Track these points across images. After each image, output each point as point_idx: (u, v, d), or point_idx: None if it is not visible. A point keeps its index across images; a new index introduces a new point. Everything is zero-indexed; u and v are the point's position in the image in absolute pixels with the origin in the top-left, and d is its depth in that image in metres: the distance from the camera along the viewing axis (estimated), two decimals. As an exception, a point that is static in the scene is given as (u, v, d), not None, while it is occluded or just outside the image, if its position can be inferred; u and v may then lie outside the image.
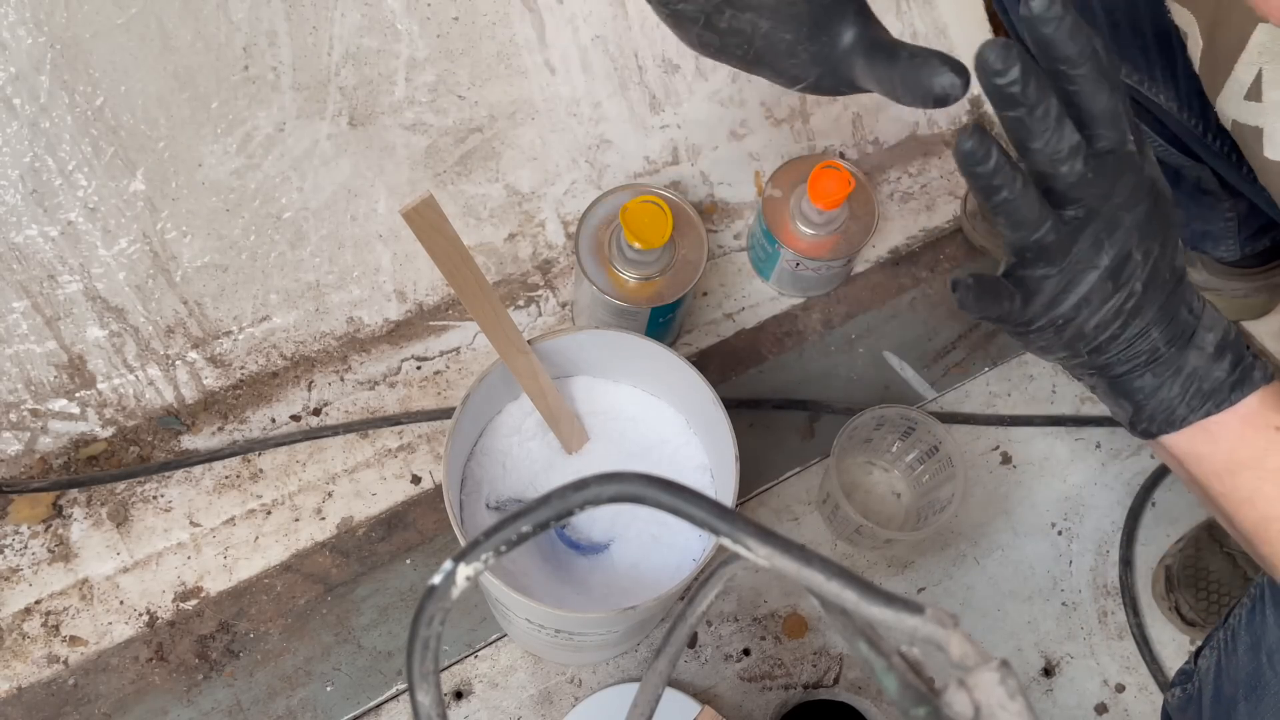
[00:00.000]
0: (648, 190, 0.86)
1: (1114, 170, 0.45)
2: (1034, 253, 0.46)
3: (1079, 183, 0.45)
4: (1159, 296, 0.47)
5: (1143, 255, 0.46)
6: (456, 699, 0.84)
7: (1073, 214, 0.45)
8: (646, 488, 0.32)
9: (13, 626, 0.82)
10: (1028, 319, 0.47)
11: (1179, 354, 0.48)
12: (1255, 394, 0.48)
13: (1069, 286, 0.46)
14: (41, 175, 0.81)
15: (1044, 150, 0.44)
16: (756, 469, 0.92)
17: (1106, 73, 0.43)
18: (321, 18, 0.86)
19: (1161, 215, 0.46)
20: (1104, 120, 0.44)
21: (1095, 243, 0.45)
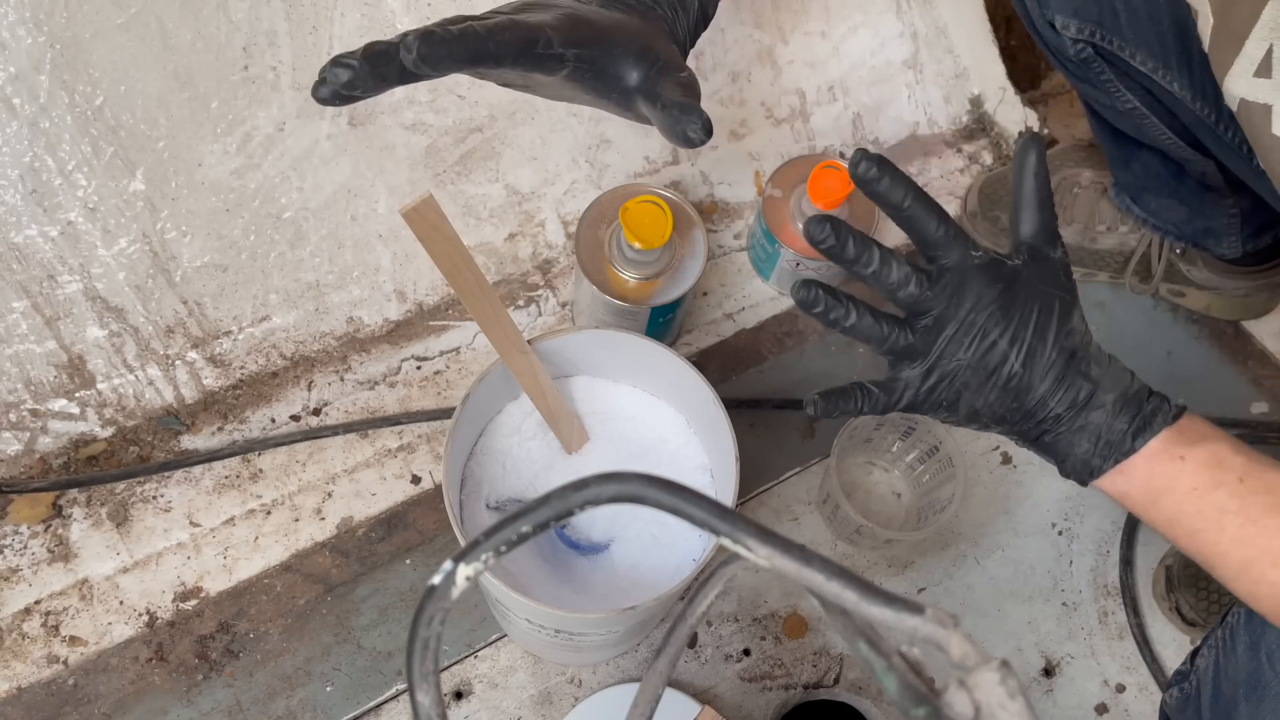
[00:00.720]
0: (648, 190, 0.86)
1: (957, 281, 0.54)
2: (896, 357, 0.56)
3: (919, 300, 0.54)
4: (1048, 374, 0.54)
5: (1009, 342, 0.53)
6: (456, 699, 0.83)
7: (924, 322, 0.55)
8: (646, 488, 0.32)
9: (12, 626, 0.82)
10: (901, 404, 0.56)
11: (1079, 415, 0.55)
12: (1158, 436, 0.54)
13: (939, 378, 0.55)
14: (41, 175, 0.81)
15: (878, 284, 0.54)
16: (756, 469, 0.92)
17: (931, 206, 0.53)
18: (321, 18, 0.86)
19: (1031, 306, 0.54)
20: (938, 244, 0.54)
21: (953, 340, 0.54)
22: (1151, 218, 0.99)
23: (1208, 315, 1.05)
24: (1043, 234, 0.57)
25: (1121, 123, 0.89)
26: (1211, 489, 0.53)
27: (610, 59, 0.54)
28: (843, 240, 0.53)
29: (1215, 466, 0.54)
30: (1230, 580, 0.54)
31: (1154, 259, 1.02)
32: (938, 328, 0.54)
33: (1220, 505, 0.53)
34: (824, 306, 0.54)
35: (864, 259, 0.53)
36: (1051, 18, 0.80)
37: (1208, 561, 0.55)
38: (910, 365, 0.55)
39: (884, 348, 0.56)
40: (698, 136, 0.54)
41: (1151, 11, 0.75)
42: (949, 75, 1.11)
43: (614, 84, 0.55)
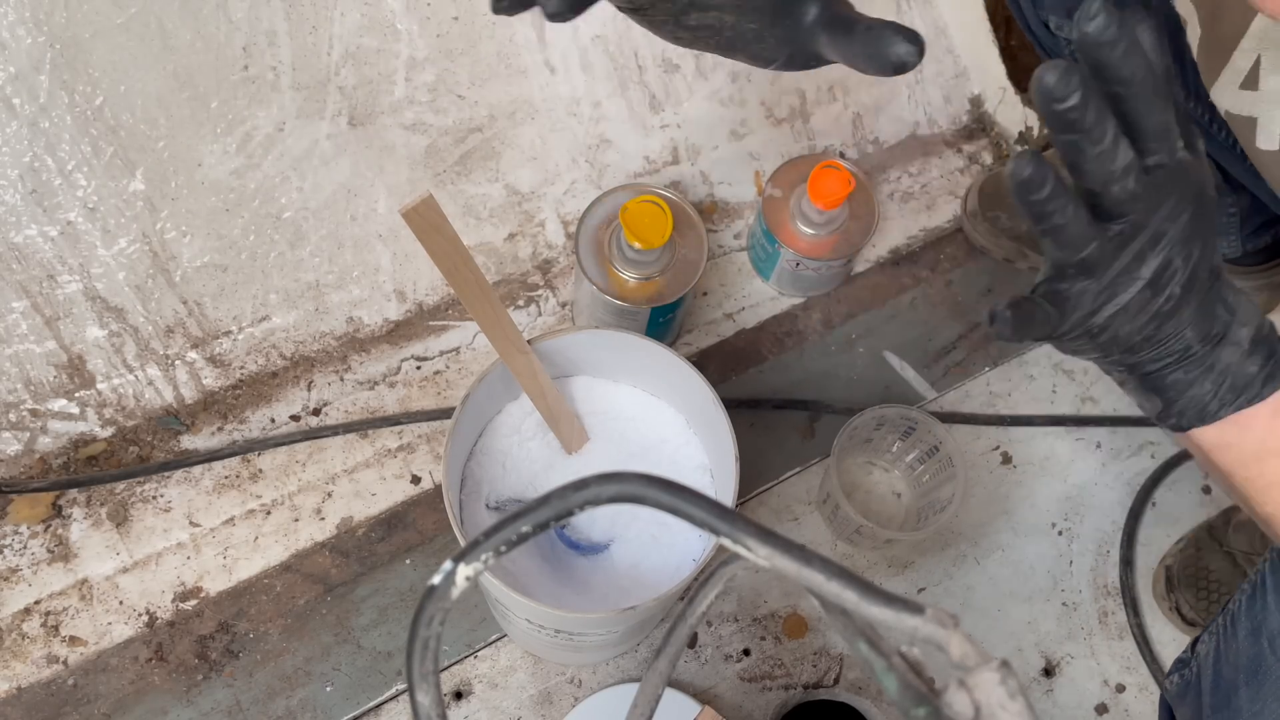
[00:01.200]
0: (648, 190, 0.86)
1: (1162, 185, 0.46)
2: (1076, 268, 0.47)
3: (1128, 199, 0.45)
4: (1195, 299, 0.48)
5: (1183, 261, 0.47)
6: (456, 699, 0.83)
7: (1118, 229, 0.46)
8: (646, 488, 0.32)
9: (12, 627, 0.82)
10: (1064, 330, 0.48)
11: (1212, 351, 0.49)
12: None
13: (1109, 299, 0.47)
14: (41, 175, 0.81)
15: (1098, 170, 0.45)
16: (756, 469, 0.92)
17: (1160, 90, 0.44)
18: (321, 17, 0.86)
19: (1203, 219, 0.47)
20: (1156, 136, 0.45)
21: (1138, 256, 0.46)
22: None
23: (1208, 315, 1.04)
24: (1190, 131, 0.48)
25: None
26: None
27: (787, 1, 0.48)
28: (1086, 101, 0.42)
29: None
30: None
31: (1154, 259, 1.02)
32: (1129, 237, 0.46)
33: None
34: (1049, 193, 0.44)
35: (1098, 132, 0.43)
36: (1046, 18, 0.80)
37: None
38: (1085, 280, 0.47)
39: (1078, 256, 0.47)
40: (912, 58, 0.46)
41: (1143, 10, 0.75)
42: (949, 75, 1.11)
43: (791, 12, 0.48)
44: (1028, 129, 1.11)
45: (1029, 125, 1.11)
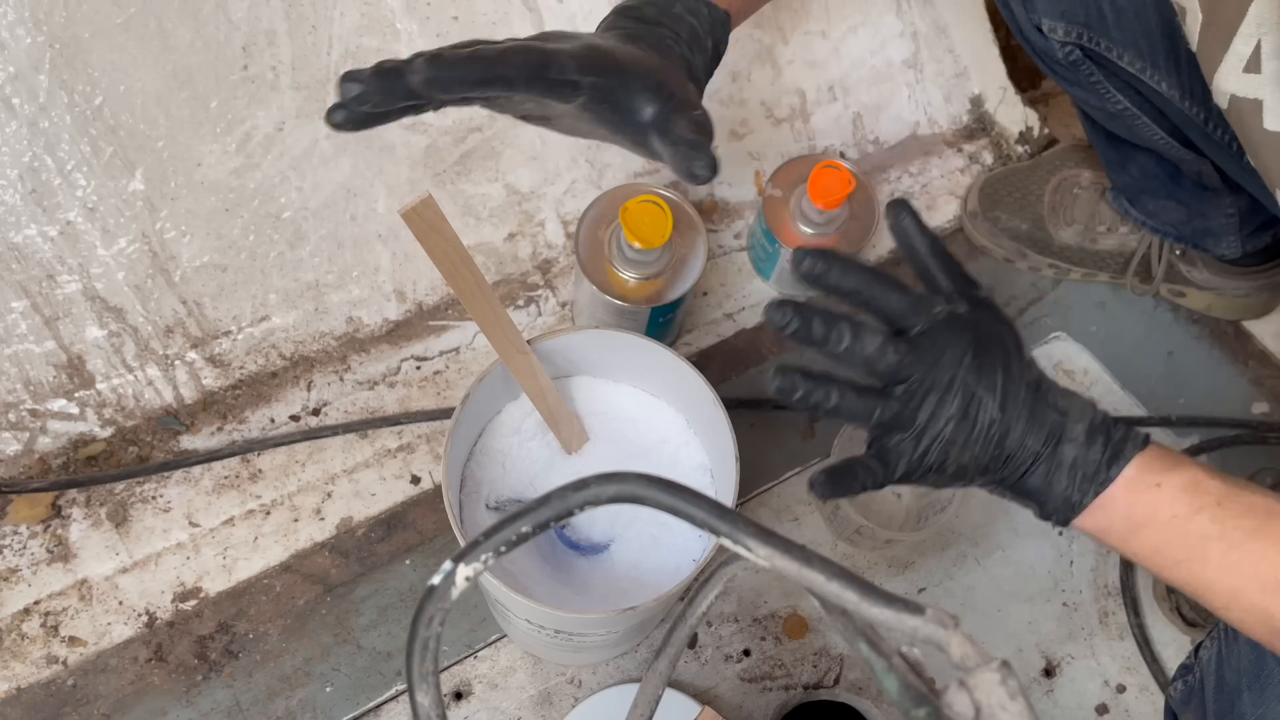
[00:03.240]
0: (648, 190, 0.86)
1: (931, 343, 0.52)
2: (883, 429, 0.53)
3: (898, 368, 0.52)
4: (1021, 412, 0.53)
5: (986, 390, 0.52)
6: (456, 699, 0.83)
7: (904, 389, 0.52)
8: (646, 488, 0.32)
9: (12, 627, 0.81)
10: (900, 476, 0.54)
11: (1056, 450, 0.53)
12: (1131, 463, 0.53)
13: (929, 442, 0.52)
14: (40, 175, 0.81)
15: (853, 360, 0.52)
16: (756, 469, 0.92)
17: (887, 280, 0.53)
18: (321, 17, 0.86)
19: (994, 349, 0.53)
20: (905, 313, 0.53)
21: (938, 402, 0.52)
22: (1149, 219, 0.99)
23: (1208, 315, 1.05)
24: (960, 279, 0.56)
25: (1114, 125, 0.89)
26: (1192, 515, 0.52)
27: (626, 91, 0.54)
28: (807, 323, 0.51)
29: (1193, 491, 0.52)
30: (1220, 609, 0.54)
31: (1154, 260, 1.02)
32: (921, 392, 0.52)
33: (1202, 532, 0.52)
34: (804, 392, 0.52)
35: (833, 338, 0.51)
36: (1039, 21, 0.80)
37: (1195, 591, 0.54)
38: (898, 435, 0.53)
39: (871, 423, 0.53)
40: (704, 174, 0.53)
41: (1138, 11, 0.75)
42: (949, 75, 1.11)
43: (628, 117, 0.54)
44: (1028, 129, 1.11)
45: (1029, 125, 1.11)
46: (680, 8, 0.59)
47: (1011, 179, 1.05)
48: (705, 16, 0.60)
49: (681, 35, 0.59)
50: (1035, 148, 1.11)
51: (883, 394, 0.53)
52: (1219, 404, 1.01)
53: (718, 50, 0.62)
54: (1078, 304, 1.05)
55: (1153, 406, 1.00)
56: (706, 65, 0.61)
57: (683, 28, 0.59)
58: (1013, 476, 0.54)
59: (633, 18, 0.59)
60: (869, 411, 0.53)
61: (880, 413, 0.53)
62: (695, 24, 0.60)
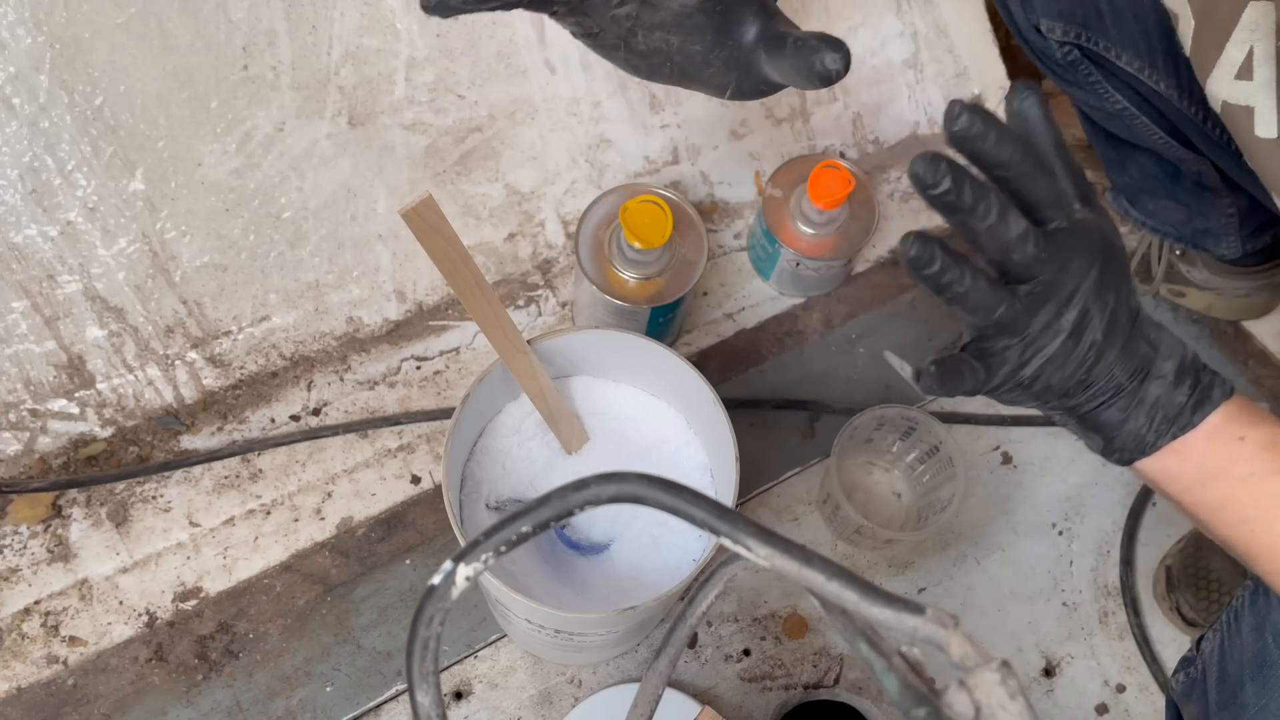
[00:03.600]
0: (648, 190, 0.86)
1: (1066, 245, 0.49)
2: (994, 329, 0.50)
3: (1032, 263, 0.48)
4: (1118, 340, 0.50)
5: (1099, 309, 0.49)
6: (456, 699, 0.83)
7: (1028, 290, 0.49)
8: (646, 488, 0.32)
9: (12, 627, 0.82)
10: (994, 385, 0.51)
11: (1140, 386, 0.51)
12: (1216, 411, 0.51)
13: (1033, 354, 0.49)
14: (41, 175, 0.81)
15: (992, 243, 0.48)
16: (756, 469, 0.92)
17: (1040, 162, 0.48)
18: (321, 17, 0.86)
19: (1113, 268, 0.50)
20: (1047, 204, 0.48)
21: (1055, 312, 0.49)
22: (1149, 220, 0.99)
23: (1208, 315, 1.05)
24: (1085, 185, 0.51)
25: (1112, 125, 0.89)
26: (1269, 475, 0.50)
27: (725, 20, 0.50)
28: (959, 186, 0.45)
29: (1273, 450, 0.50)
30: (1273, 574, 0.52)
31: (1154, 260, 1.02)
32: (1043, 297, 0.48)
33: (1276, 494, 0.50)
34: (940, 266, 0.46)
35: (981, 210, 0.46)
36: (1037, 21, 0.80)
37: (1249, 551, 0.52)
38: (1006, 340, 0.49)
39: (991, 319, 0.49)
40: (837, 66, 0.49)
41: (1136, 11, 0.75)
42: (949, 75, 1.11)
43: (733, 30, 0.51)
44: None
45: (1029, 125, 1.11)
46: None
47: (1012, 179, 1.05)
48: None
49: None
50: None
51: (1009, 291, 0.49)
52: (1219, 404, 1.01)
53: None
54: (1078, 304, 1.05)
55: (1153, 406, 1.00)
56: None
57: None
58: (1087, 405, 0.52)
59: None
60: (994, 306, 0.49)
61: (1004, 310, 0.49)
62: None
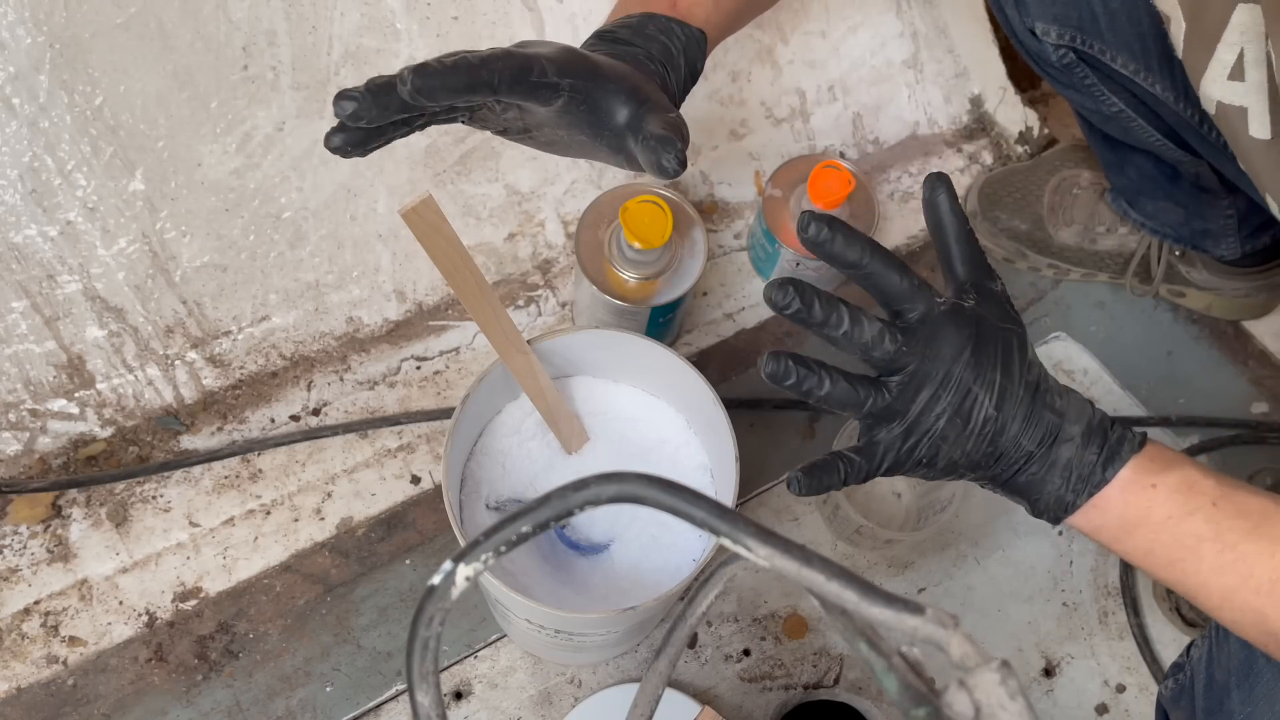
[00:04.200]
0: (648, 190, 0.86)
1: (929, 333, 0.52)
2: (873, 420, 0.54)
3: (895, 356, 0.52)
4: (1018, 412, 0.53)
5: (983, 387, 0.52)
6: (456, 699, 0.83)
7: (899, 379, 0.52)
8: (646, 488, 0.32)
9: (12, 627, 0.82)
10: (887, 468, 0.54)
11: (1050, 450, 0.53)
12: (1127, 465, 0.53)
13: (920, 436, 0.53)
14: (40, 175, 0.81)
15: (850, 346, 0.52)
16: (756, 469, 0.92)
17: (890, 260, 0.52)
18: (321, 17, 0.86)
19: (994, 346, 0.53)
20: (904, 297, 0.52)
21: (931, 396, 0.52)
22: (1148, 221, 0.99)
23: (1208, 315, 1.05)
24: (980, 269, 0.55)
25: (1109, 127, 0.89)
26: (1186, 516, 0.52)
27: (603, 93, 0.55)
28: (808, 303, 0.51)
29: (1188, 492, 0.52)
30: (1213, 610, 0.53)
31: (1153, 260, 1.02)
32: (915, 384, 0.52)
33: (1197, 532, 0.52)
34: (796, 378, 0.52)
35: (833, 320, 0.51)
36: (1032, 25, 0.81)
37: (1188, 591, 0.54)
38: (887, 427, 0.53)
39: (861, 412, 0.53)
40: (671, 166, 0.54)
41: (1131, 14, 0.75)
42: (949, 75, 1.11)
43: (606, 120, 0.56)
44: (1027, 129, 1.11)
45: (1028, 125, 1.11)
46: (653, 28, 0.61)
47: (1011, 179, 1.06)
48: (679, 36, 0.62)
49: (654, 54, 0.60)
50: (1035, 148, 1.11)
51: (877, 383, 0.53)
52: (1218, 404, 1.01)
53: (693, 69, 0.63)
54: (1077, 304, 1.05)
55: (1152, 406, 1.00)
56: (681, 82, 0.62)
57: (655, 47, 0.60)
58: (1005, 474, 0.54)
59: (607, 40, 0.61)
60: (861, 400, 0.53)
61: (872, 402, 0.53)
62: (668, 43, 0.61)
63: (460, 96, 0.50)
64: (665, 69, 0.61)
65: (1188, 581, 0.53)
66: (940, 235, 0.56)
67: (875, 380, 0.53)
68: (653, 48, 0.60)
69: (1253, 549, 0.51)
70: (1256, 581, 0.51)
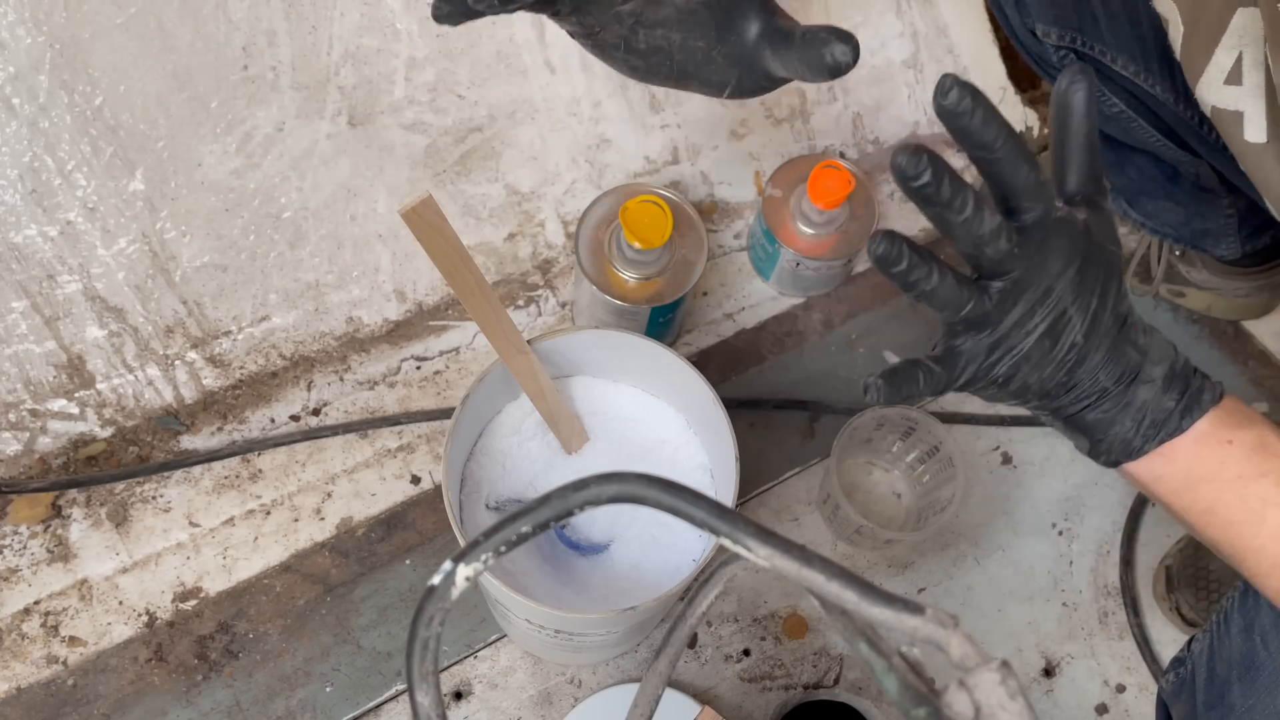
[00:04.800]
0: (648, 190, 0.86)
1: (1041, 240, 0.48)
2: (963, 325, 0.50)
3: (1004, 258, 0.48)
4: (1103, 343, 0.50)
5: (1079, 310, 0.49)
6: (456, 699, 0.83)
7: (1001, 285, 0.49)
8: (646, 488, 0.32)
9: (12, 627, 0.81)
10: (963, 381, 0.50)
11: (1127, 390, 0.51)
12: (1206, 416, 0.51)
13: (1004, 352, 0.49)
14: (41, 175, 0.81)
15: (966, 236, 0.48)
16: (756, 469, 0.92)
17: (1023, 150, 0.47)
18: (321, 17, 0.86)
19: (1098, 268, 0.49)
20: (1027, 193, 0.48)
21: (1028, 310, 0.49)
22: (1148, 221, 0.99)
23: (1208, 315, 1.05)
24: (1096, 183, 0.51)
25: (1110, 127, 0.89)
26: (1258, 478, 0.50)
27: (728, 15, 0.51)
28: (939, 178, 0.45)
29: (1263, 452, 0.50)
30: (1260, 576, 0.52)
31: (1154, 260, 1.02)
32: (1015, 293, 0.48)
33: (1264, 496, 0.50)
34: (907, 264, 0.47)
35: (958, 203, 0.46)
36: (1032, 26, 0.81)
37: (1237, 554, 0.52)
38: (976, 335, 0.49)
39: (960, 315, 0.49)
40: (847, 59, 0.49)
41: (1131, 16, 0.76)
42: (949, 75, 1.11)
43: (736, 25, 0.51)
44: (1027, 129, 1.11)
45: (1029, 125, 1.11)
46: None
47: (1011, 179, 1.05)
48: None
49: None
50: (1035, 148, 1.11)
51: (979, 286, 0.49)
52: (1219, 404, 1.01)
53: None
54: (1077, 304, 1.05)
55: (1152, 406, 1.00)
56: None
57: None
58: (1073, 408, 0.52)
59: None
60: (962, 301, 0.49)
61: (972, 306, 0.49)
62: None
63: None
64: None
65: (1240, 544, 0.51)
66: (1063, 134, 0.51)
67: (977, 282, 0.49)
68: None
69: None
70: None
